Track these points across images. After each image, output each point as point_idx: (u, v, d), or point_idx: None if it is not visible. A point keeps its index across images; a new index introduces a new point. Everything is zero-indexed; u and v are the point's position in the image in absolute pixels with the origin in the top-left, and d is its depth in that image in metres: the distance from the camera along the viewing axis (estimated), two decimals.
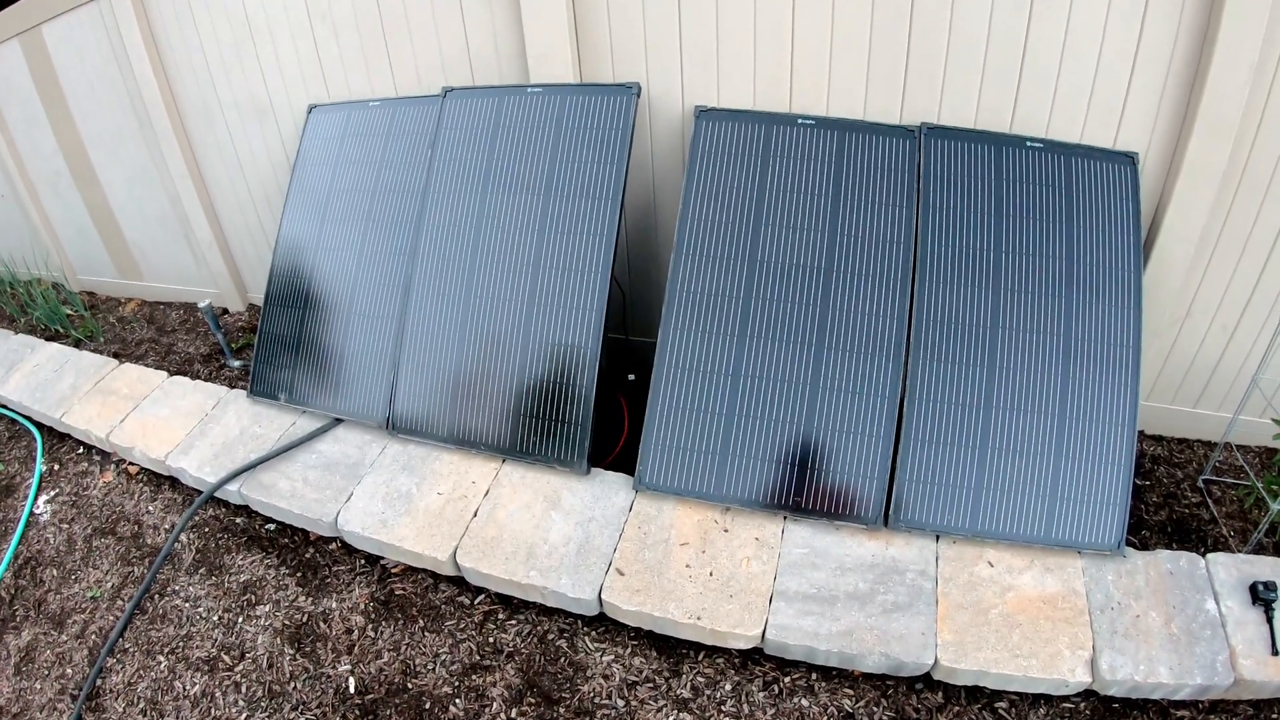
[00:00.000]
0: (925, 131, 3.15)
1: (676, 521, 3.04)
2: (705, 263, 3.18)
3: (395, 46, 3.72)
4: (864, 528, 2.96)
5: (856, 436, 2.99)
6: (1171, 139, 3.01)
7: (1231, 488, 3.36)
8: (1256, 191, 3.01)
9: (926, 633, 2.64)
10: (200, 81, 4.25)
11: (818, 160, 3.18)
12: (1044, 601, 2.72)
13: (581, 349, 3.25)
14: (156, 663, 2.99)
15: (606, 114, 3.34)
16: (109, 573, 3.37)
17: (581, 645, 2.89)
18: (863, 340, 3.03)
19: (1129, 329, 2.94)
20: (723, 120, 3.27)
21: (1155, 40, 2.86)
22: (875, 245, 3.09)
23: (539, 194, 3.38)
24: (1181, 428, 3.62)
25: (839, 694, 2.68)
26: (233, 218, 4.71)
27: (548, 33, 3.34)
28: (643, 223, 3.80)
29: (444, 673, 2.83)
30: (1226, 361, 3.40)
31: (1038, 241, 3.02)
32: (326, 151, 3.87)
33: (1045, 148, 3.07)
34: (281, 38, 3.92)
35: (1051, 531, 2.85)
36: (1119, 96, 2.99)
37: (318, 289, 3.75)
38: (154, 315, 5.19)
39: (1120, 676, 2.51)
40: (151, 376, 4.17)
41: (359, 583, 3.18)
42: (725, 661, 2.80)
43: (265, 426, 3.70)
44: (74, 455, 4.05)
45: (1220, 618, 2.64)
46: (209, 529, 3.48)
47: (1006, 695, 2.64)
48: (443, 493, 3.25)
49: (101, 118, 4.65)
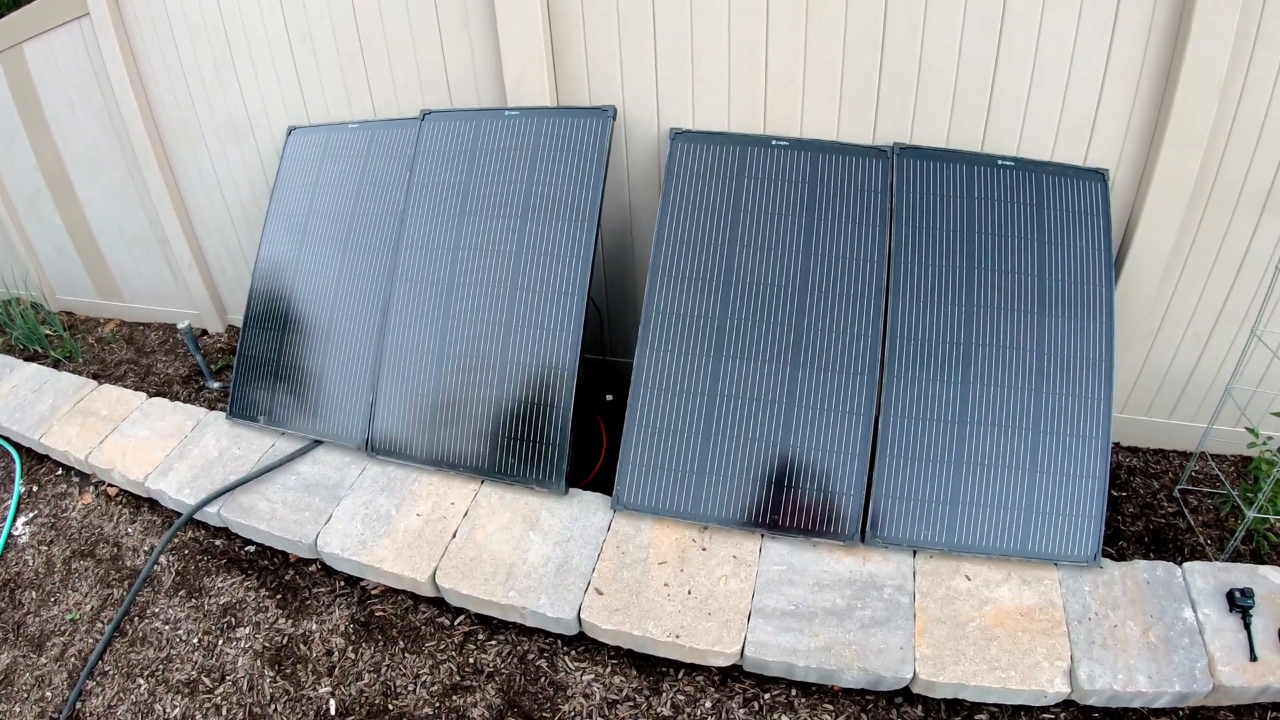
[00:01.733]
0: (898, 151, 3.18)
1: (654, 540, 3.05)
2: (681, 283, 3.20)
3: (374, 69, 3.74)
4: (841, 544, 2.97)
5: (832, 454, 3.01)
6: (1141, 155, 3.06)
7: (1207, 497, 3.40)
8: (1226, 204, 3.06)
9: (905, 647, 2.66)
10: (180, 102, 4.25)
11: (792, 181, 3.21)
12: (1021, 614, 2.73)
13: (559, 370, 3.26)
14: (136, 685, 2.97)
15: (583, 137, 3.36)
16: (88, 595, 3.35)
17: (561, 665, 2.89)
18: (838, 358, 3.05)
19: (1101, 343, 2.97)
20: (698, 142, 3.30)
21: (1124, 59, 2.90)
22: (849, 264, 3.12)
23: (516, 216, 3.39)
24: (1157, 438, 3.66)
25: (819, 710, 2.69)
26: (212, 239, 4.70)
27: (525, 56, 3.36)
28: (619, 244, 3.82)
29: (425, 694, 2.83)
30: (1200, 372, 3.44)
31: (1010, 258, 3.05)
32: (306, 173, 3.87)
33: (1016, 166, 3.11)
34: (261, 59, 3.93)
35: (1028, 544, 2.88)
36: (1089, 115, 3.03)
37: (297, 310, 3.75)
38: (133, 336, 5.17)
39: (1099, 686, 2.53)
40: (131, 398, 4.16)
41: (339, 604, 3.17)
42: (705, 679, 2.80)
43: (244, 448, 3.69)
44: (53, 476, 4.03)
45: (1198, 625, 2.67)
46: (188, 551, 3.46)
47: (986, 707, 2.65)
48: (422, 514, 3.25)
49: (82, 137, 4.64)
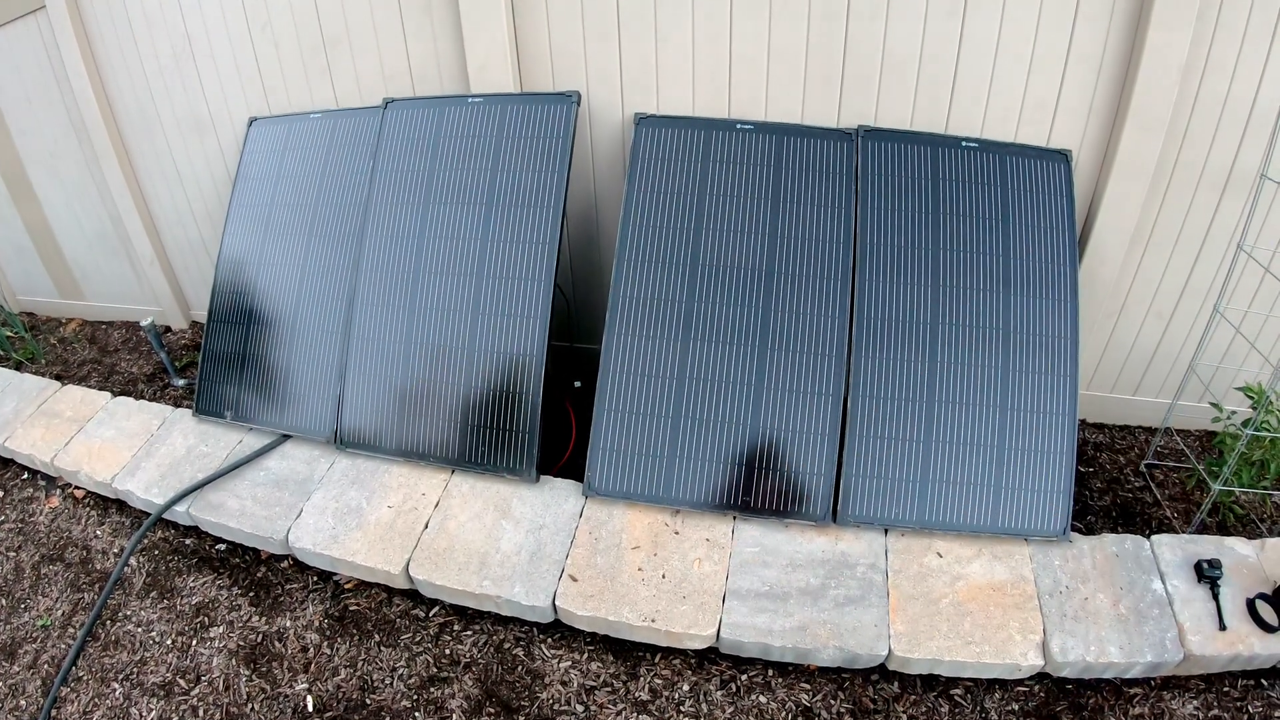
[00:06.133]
0: (862, 134, 3.19)
1: (627, 525, 3.06)
2: (648, 267, 3.20)
3: (336, 58, 3.69)
4: (813, 524, 2.99)
5: (802, 435, 3.02)
6: (1104, 136, 3.09)
7: (1173, 471, 3.45)
8: (1188, 184, 3.10)
9: (879, 624, 2.69)
10: (139, 95, 4.18)
11: (757, 164, 3.21)
12: (993, 589, 2.77)
13: (527, 357, 3.25)
14: (111, 690, 2.93)
15: (547, 123, 3.34)
16: (59, 600, 3.30)
17: (538, 653, 2.89)
18: (805, 340, 3.07)
19: (1066, 321, 3.01)
20: (662, 126, 3.29)
21: (1086, 41, 2.93)
22: (815, 246, 3.13)
23: (481, 204, 3.37)
24: (1123, 415, 3.72)
25: (796, 689, 2.71)
26: (174, 234, 4.63)
27: (488, 43, 3.34)
28: (585, 230, 3.81)
29: (402, 686, 2.82)
30: (1164, 349, 3.49)
31: (975, 239, 3.08)
32: (268, 164, 3.82)
33: (980, 147, 3.13)
34: (221, 50, 3.87)
35: (998, 521, 2.91)
36: (1051, 96, 3.06)
37: (261, 304, 3.71)
38: (96, 335, 5.09)
39: (1072, 658, 2.57)
40: (95, 398, 4.09)
41: (312, 600, 3.15)
42: (682, 662, 2.82)
43: (212, 445, 3.65)
44: (18, 481, 3.96)
45: (1167, 596, 2.71)
46: (159, 551, 3.42)
47: (961, 682, 2.69)
48: (393, 506, 3.23)
49: (39, 133, 4.55)
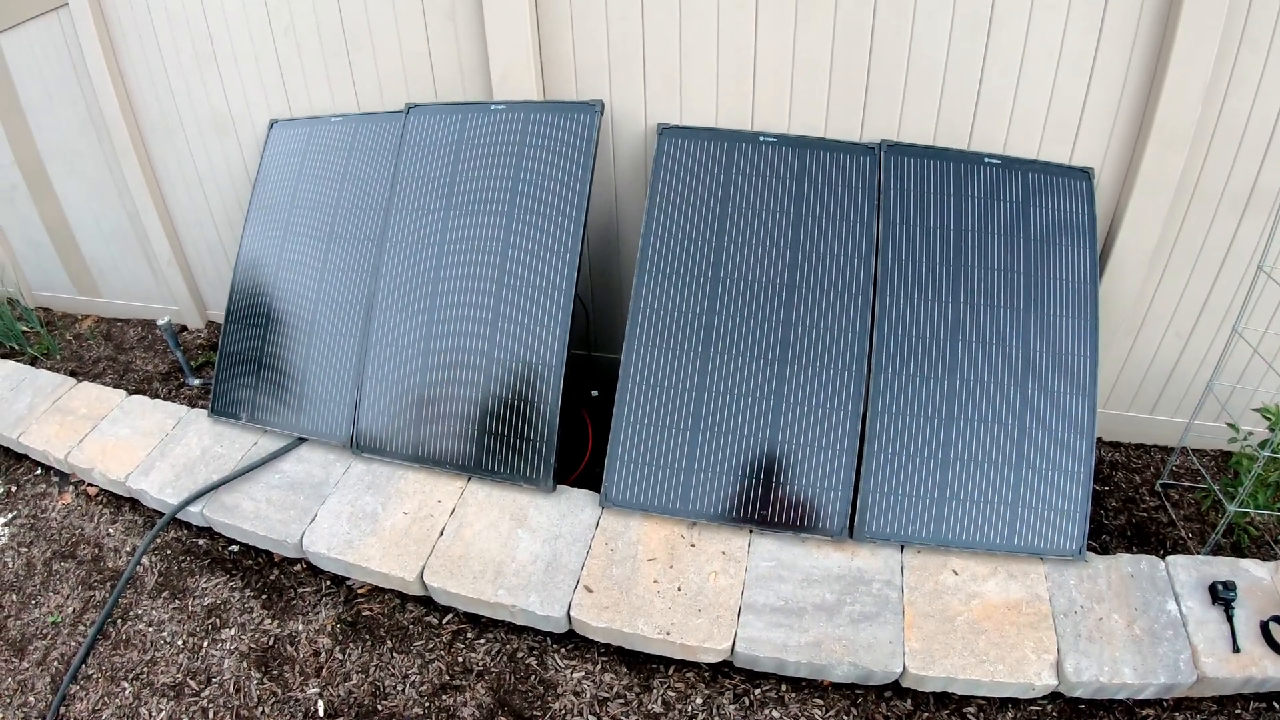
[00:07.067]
0: (885, 149, 3.19)
1: (643, 537, 3.05)
2: (668, 279, 3.20)
3: (358, 61, 3.70)
4: (830, 539, 2.98)
5: (820, 449, 3.01)
6: (1126, 154, 3.08)
7: (1189, 491, 3.44)
8: (1209, 203, 3.09)
9: (894, 641, 2.67)
10: (160, 95, 4.19)
11: (780, 177, 3.21)
12: (1008, 607, 2.76)
13: (546, 367, 3.24)
14: (121, 689, 2.93)
15: (570, 132, 3.34)
16: (70, 597, 3.30)
17: (551, 663, 2.88)
18: (825, 354, 3.06)
19: (1085, 340, 3.00)
20: (685, 138, 3.29)
21: (1110, 59, 2.92)
22: (837, 261, 3.12)
23: (502, 211, 3.37)
24: (1139, 433, 3.70)
25: (809, 704, 2.70)
26: (192, 234, 4.64)
27: (511, 50, 3.34)
28: (606, 239, 3.81)
29: (414, 693, 2.81)
30: (1181, 368, 3.48)
31: (996, 256, 3.07)
32: (288, 167, 3.83)
33: (1003, 164, 3.13)
34: (243, 52, 3.88)
35: (1014, 539, 2.90)
36: (1075, 114, 3.05)
37: (279, 306, 3.71)
38: (111, 332, 5.10)
39: (1085, 678, 2.56)
40: (110, 395, 4.10)
41: (325, 604, 3.15)
42: (695, 675, 2.81)
43: (227, 446, 3.65)
44: (32, 476, 3.97)
45: (1181, 618, 2.70)
46: (171, 551, 3.42)
47: (975, 700, 2.68)
48: (408, 512, 3.23)
49: (59, 131, 4.56)
